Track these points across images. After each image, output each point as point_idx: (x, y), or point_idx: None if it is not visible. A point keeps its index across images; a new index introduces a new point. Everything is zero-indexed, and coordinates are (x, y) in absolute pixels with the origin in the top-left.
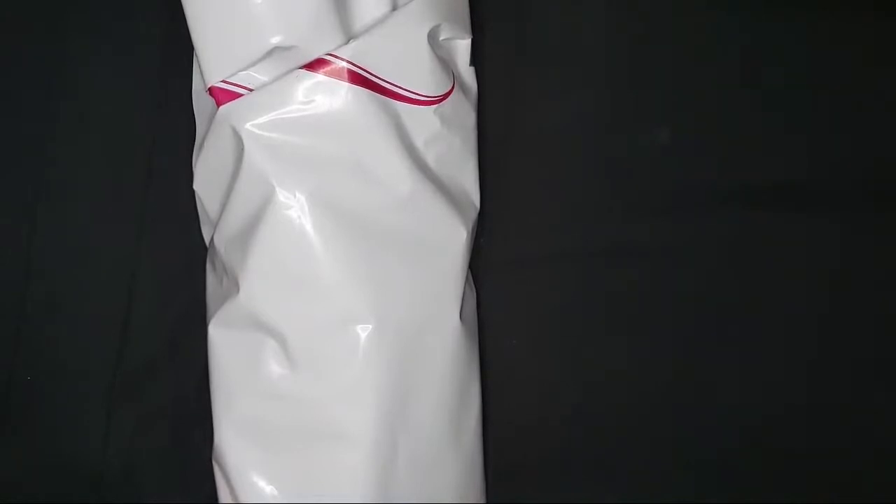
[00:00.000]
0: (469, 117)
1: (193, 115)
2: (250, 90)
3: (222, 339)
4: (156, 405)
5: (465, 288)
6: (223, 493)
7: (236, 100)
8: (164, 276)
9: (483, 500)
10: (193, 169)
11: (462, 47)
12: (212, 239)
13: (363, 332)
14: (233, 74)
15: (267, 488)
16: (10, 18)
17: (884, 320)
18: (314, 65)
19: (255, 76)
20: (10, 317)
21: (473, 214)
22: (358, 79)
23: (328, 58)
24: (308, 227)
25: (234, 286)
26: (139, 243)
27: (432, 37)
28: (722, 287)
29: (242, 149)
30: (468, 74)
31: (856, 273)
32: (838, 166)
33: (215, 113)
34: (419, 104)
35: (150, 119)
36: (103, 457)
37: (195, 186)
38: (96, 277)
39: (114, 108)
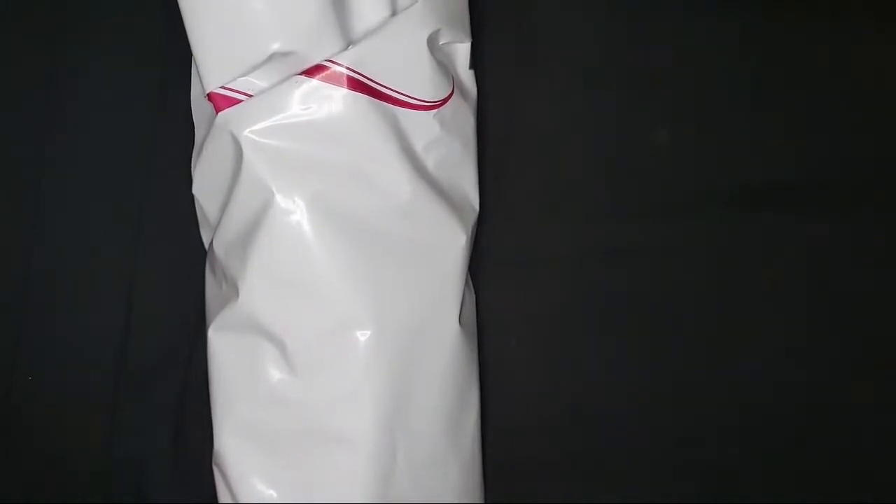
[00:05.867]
0: (468, 121)
1: (192, 117)
2: (249, 96)
3: (222, 343)
4: (158, 405)
5: (464, 291)
6: (224, 497)
7: (235, 106)
8: (164, 278)
9: (481, 501)
10: (192, 173)
11: (462, 51)
12: (211, 243)
13: (362, 336)
14: (232, 80)
15: (267, 492)
16: (10, 19)
17: (884, 320)
18: (313, 70)
19: (254, 82)
20: (10, 317)
21: (473, 217)
22: (357, 84)
23: (327, 63)
24: (308, 232)
25: (234, 291)
26: (138, 245)
27: (432, 41)
28: (721, 287)
29: (242, 155)
30: (468, 77)
31: (856, 273)
32: (838, 167)
33: (214, 118)
34: (419, 109)
35: (150, 122)
36: (105, 457)
37: (194, 191)
38: (97, 279)
39: (113, 111)
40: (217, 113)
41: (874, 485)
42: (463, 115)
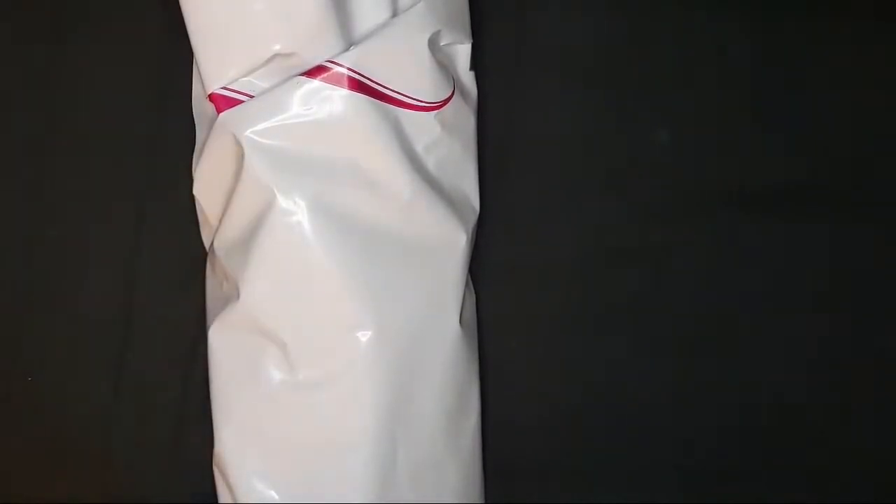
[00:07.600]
0: (469, 121)
1: (193, 119)
2: (250, 97)
3: (223, 343)
4: (158, 405)
5: (464, 292)
6: (224, 498)
7: (236, 107)
8: (164, 278)
9: (481, 502)
10: (193, 174)
11: (462, 52)
12: (212, 243)
13: (363, 337)
14: (233, 81)
15: (267, 492)
16: (10, 19)
17: (883, 320)
18: (314, 72)
19: (255, 83)
20: (10, 317)
21: (473, 218)
22: (358, 85)
23: (328, 65)
24: (308, 233)
25: (235, 291)
26: (139, 244)
27: (433, 42)
28: (721, 288)
29: (243, 156)
30: (468, 79)
31: (856, 274)
32: (838, 167)
33: (215, 118)
34: (420, 110)
35: (150, 122)
36: (106, 457)
37: (195, 191)
38: (97, 279)
39: (113, 111)
40: (218, 114)
41: (874, 485)
42: (463, 116)
